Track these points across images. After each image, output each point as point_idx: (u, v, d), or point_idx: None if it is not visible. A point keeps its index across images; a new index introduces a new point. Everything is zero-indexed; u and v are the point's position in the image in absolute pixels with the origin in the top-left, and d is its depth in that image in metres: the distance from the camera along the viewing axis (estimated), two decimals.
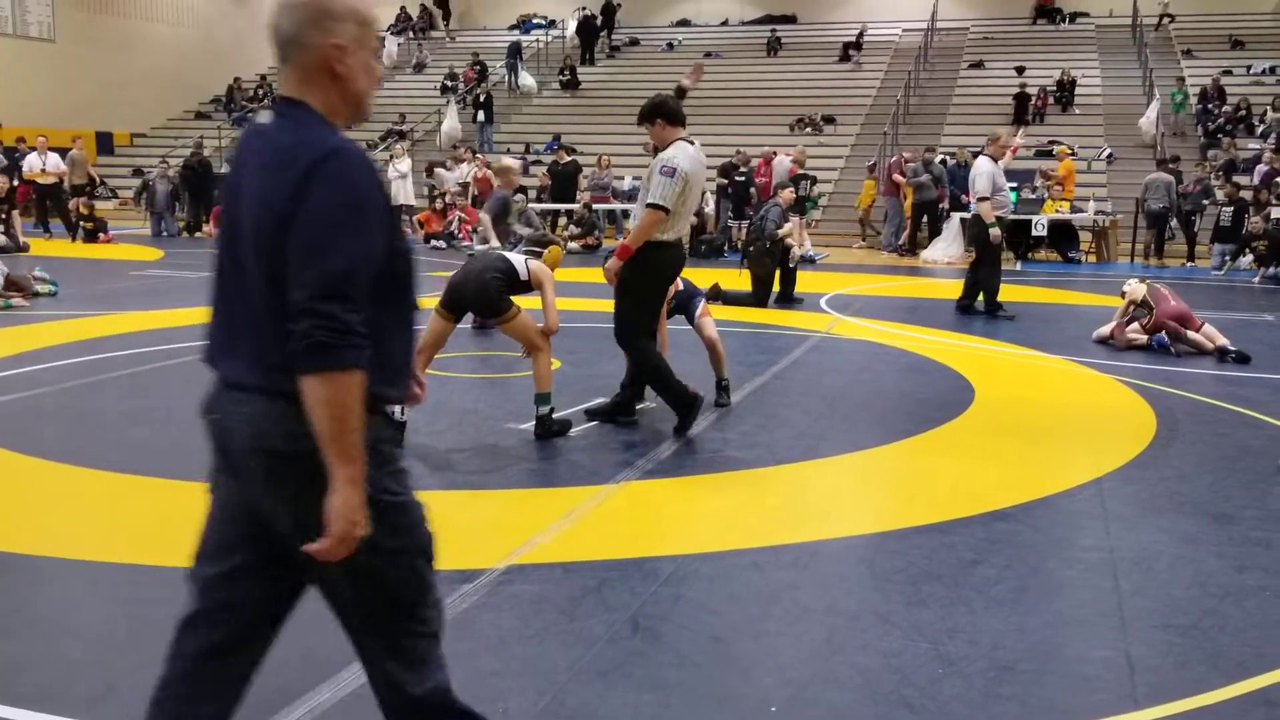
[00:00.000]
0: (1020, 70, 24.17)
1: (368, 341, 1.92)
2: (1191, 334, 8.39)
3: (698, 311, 6.75)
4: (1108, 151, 20.76)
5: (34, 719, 2.79)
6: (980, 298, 10.43)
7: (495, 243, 8.49)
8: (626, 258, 5.56)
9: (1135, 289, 8.87)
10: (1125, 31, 26.37)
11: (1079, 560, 4.07)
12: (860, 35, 27.16)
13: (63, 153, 19.24)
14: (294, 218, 1.91)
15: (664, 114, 5.70)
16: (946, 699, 2.97)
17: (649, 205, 5.49)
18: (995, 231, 10.01)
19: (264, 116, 2.09)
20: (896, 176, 17.41)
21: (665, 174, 5.48)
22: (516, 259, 5.90)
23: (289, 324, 1.89)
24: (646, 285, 5.71)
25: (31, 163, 18.59)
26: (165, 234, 18.93)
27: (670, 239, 5.62)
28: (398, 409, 3.69)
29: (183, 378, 7.16)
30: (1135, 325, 8.62)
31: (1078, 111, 22.96)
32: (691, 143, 5.72)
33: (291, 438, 1.94)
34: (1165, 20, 26.21)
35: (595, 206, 18.21)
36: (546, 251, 6.14)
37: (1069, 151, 18.63)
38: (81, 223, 17.68)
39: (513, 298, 5.74)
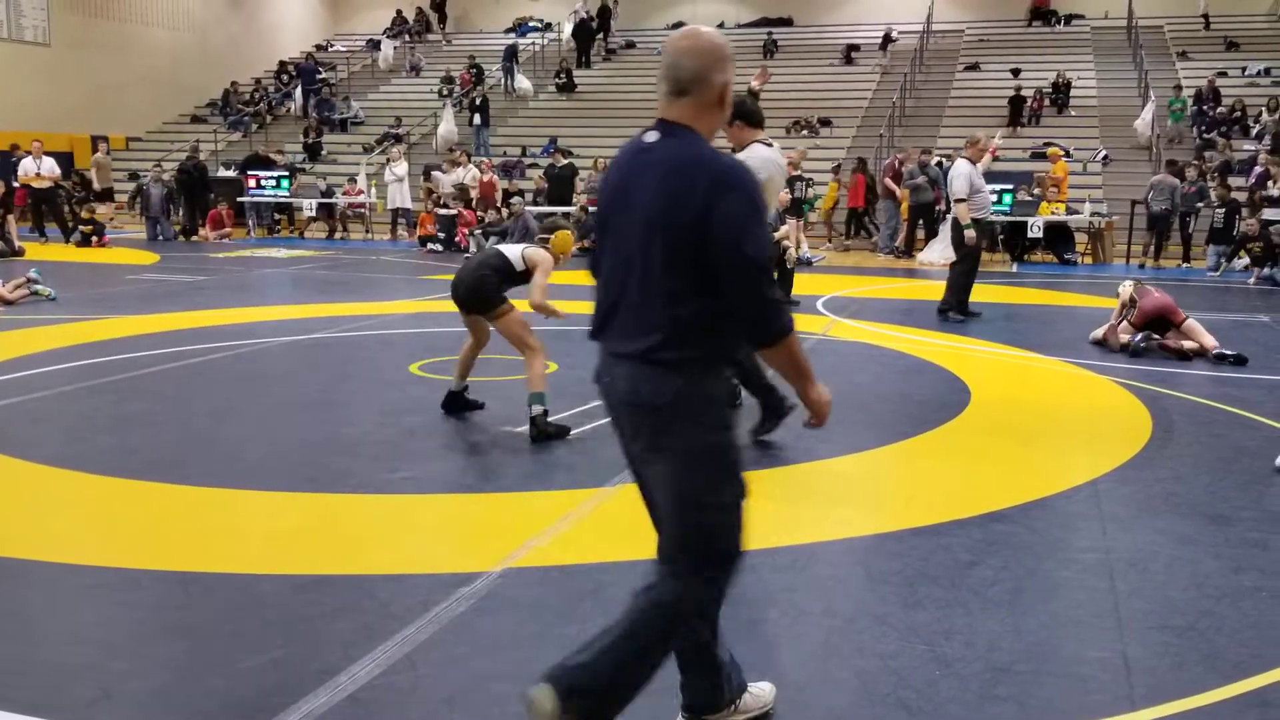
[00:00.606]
0: (1016, 72, 24.21)
1: (783, 302, 2.52)
2: (1176, 342, 8.39)
3: None
4: (1103, 153, 20.79)
5: None
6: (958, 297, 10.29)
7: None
8: None
9: (1125, 289, 8.89)
10: (1120, 33, 26.43)
11: (1075, 561, 4.07)
12: (887, 38, 27.01)
13: (59, 156, 19.20)
14: (709, 217, 2.40)
15: (742, 115, 5.47)
16: (943, 700, 2.97)
17: None
18: (970, 233, 9.96)
19: (650, 136, 2.56)
20: (888, 180, 17.42)
21: None
22: (512, 251, 5.92)
23: (742, 310, 2.45)
24: None
25: (26, 167, 18.56)
26: (161, 238, 18.90)
27: None
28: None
29: (177, 382, 7.15)
30: (1125, 324, 8.63)
31: (1073, 113, 22.99)
32: (769, 144, 5.50)
33: (657, 394, 2.48)
34: (1205, 20, 26.19)
35: (592, 209, 18.20)
36: (554, 237, 6.04)
37: (1061, 153, 18.64)
38: (80, 227, 17.66)
39: (510, 299, 5.75)
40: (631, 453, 2.67)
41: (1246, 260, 14.78)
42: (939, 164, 17.33)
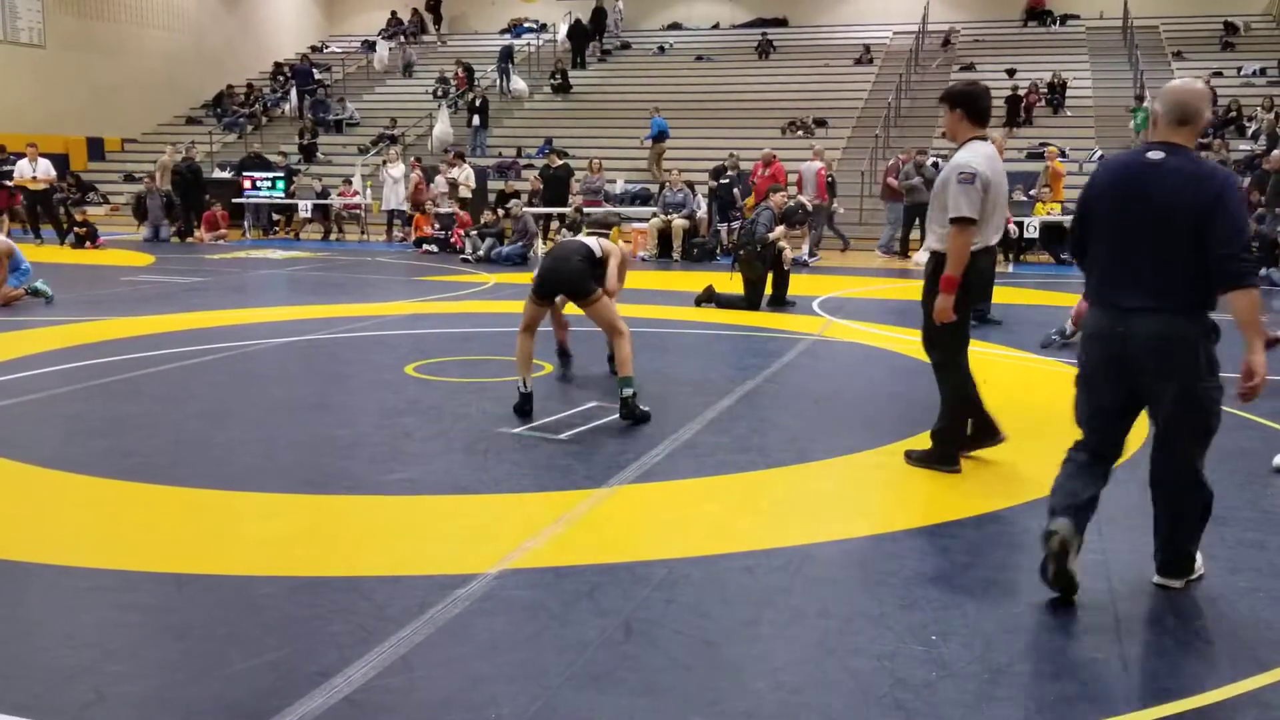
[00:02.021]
0: (1011, 72, 24.24)
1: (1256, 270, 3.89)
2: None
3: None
4: (1099, 153, 20.81)
5: None
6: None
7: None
8: (954, 289, 4.96)
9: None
10: (1116, 34, 26.47)
11: None
12: (866, 49, 27.10)
13: (54, 158, 19.18)
14: (1215, 212, 3.44)
15: (969, 105, 5.13)
16: (940, 701, 2.96)
17: (954, 220, 4.91)
18: None
19: (1154, 154, 3.59)
20: (891, 180, 17.42)
21: (964, 181, 4.90)
22: (590, 240, 6.45)
23: (1220, 268, 3.45)
24: (959, 304, 5.09)
25: (22, 169, 18.54)
26: (159, 238, 18.92)
27: (977, 247, 5.01)
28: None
29: (173, 383, 7.14)
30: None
31: (1069, 113, 23.03)
32: (984, 139, 5.18)
33: (1180, 334, 3.53)
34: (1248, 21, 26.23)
35: (587, 210, 18.19)
36: (612, 231, 6.78)
37: (1057, 153, 18.65)
38: (74, 229, 17.63)
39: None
40: (1133, 383, 3.65)
41: None
42: (934, 164, 17.34)
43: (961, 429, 5.34)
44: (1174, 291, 3.53)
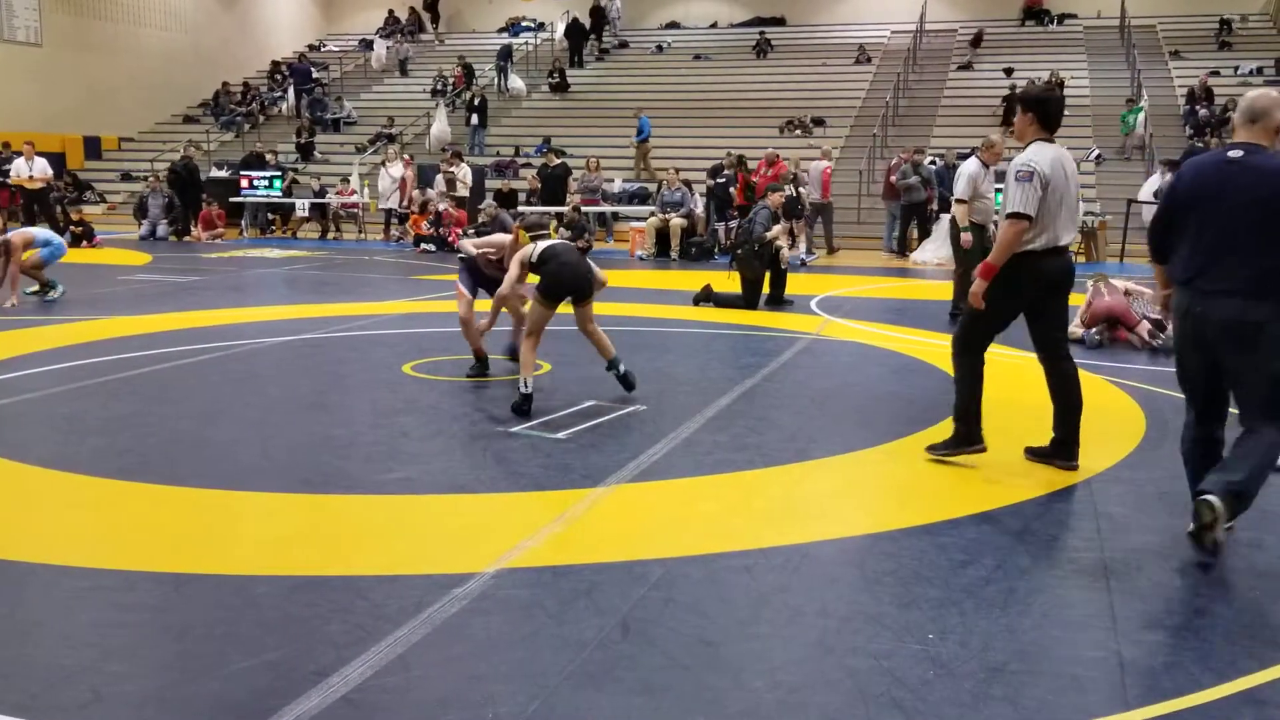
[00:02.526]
0: (1009, 71, 24.26)
1: None
2: (1128, 334, 8.88)
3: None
4: (1096, 152, 20.83)
5: None
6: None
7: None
8: (990, 276, 5.06)
9: (1089, 286, 9.25)
10: (1113, 33, 26.49)
11: (1070, 561, 4.08)
12: (862, 49, 27.10)
13: (50, 157, 19.18)
14: None
15: (1041, 110, 5.27)
16: (937, 700, 2.96)
17: (1007, 216, 5.02)
18: (965, 236, 9.92)
19: (1234, 152, 4.04)
20: (894, 178, 17.43)
21: (1022, 179, 5.01)
22: (570, 244, 6.80)
23: None
24: (999, 298, 5.12)
25: (19, 168, 18.53)
26: (155, 237, 18.92)
27: (1040, 246, 5.05)
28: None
29: (169, 383, 7.13)
30: (1077, 320, 8.91)
31: (1066, 113, 22.98)
32: (1051, 142, 5.29)
33: (1257, 314, 3.96)
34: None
35: (585, 209, 18.21)
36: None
37: None
38: (71, 228, 17.62)
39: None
40: (1212, 358, 4.11)
41: None
42: (931, 163, 17.36)
43: (976, 406, 5.36)
44: (1258, 277, 3.95)
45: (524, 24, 31.69)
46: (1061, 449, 5.31)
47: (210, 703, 2.91)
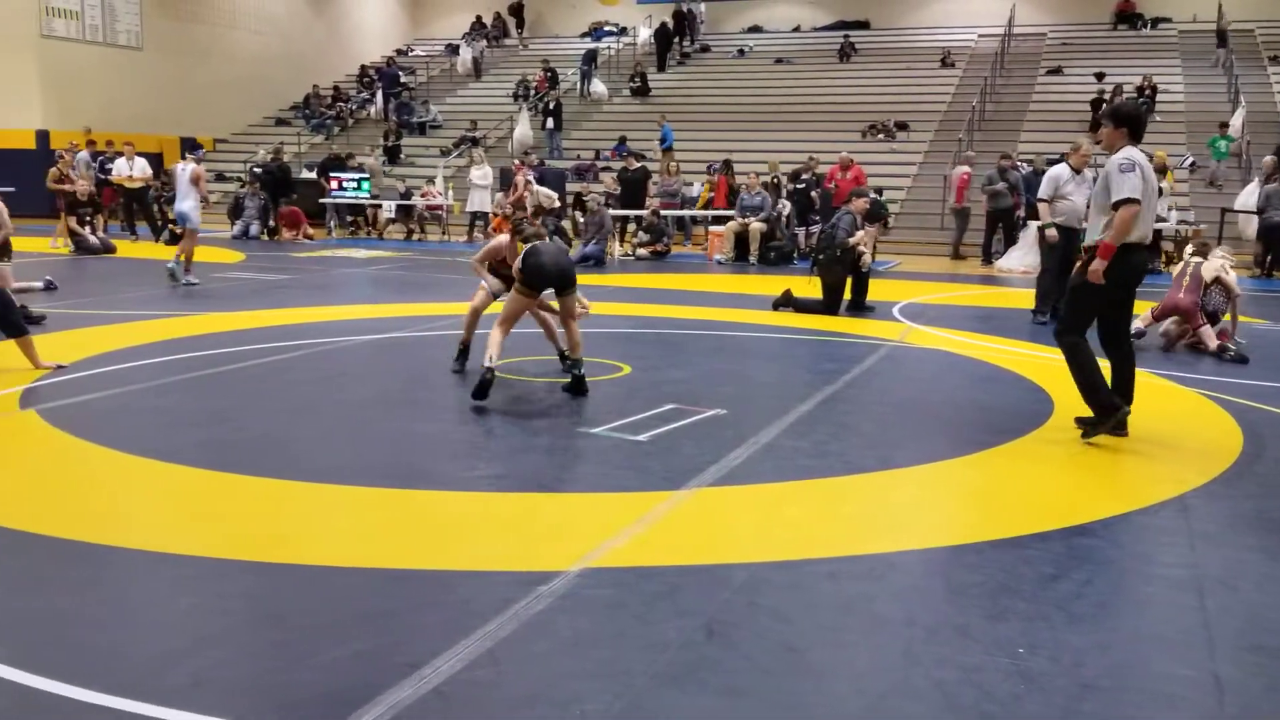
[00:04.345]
0: (1100, 76, 23.71)
1: None
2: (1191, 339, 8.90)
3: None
4: (1190, 160, 20.26)
5: (128, 706, 2.87)
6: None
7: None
8: (1109, 256, 5.53)
9: (1208, 269, 9.04)
10: (1209, 37, 25.72)
11: (1162, 577, 3.98)
12: (946, 55, 26.72)
13: (149, 157, 19.78)
14: None
15: (1133, 124, 5.70)
16: (1027, 716, 2.92)
17: (1120, 201, 5.47)
18: (1050, 232, 9.95)
19: None
20: (981, 186, 17.18)
21: (1125, 170, 5.50)
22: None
23: None
24: (1101, 286, 5.65)
25: (120, 167, 19.16)
26: (248, 236, 19.42)
27: (1134, 239, 5.60)
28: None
29: (261, 378, 7.33)
30: (1148, 313, 8.95)
31: (1159, 119, 22.43)
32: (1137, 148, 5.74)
33: None
34: None
35: (664, 213, 18.23)
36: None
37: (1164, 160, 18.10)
38: (169, 225, 18.17)
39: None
40: None
41: None
42: (1015, 168, 17.03)
43: (1097, 380, 5.82)
44: None
45: (606, 28, 31.87)
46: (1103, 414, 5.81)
47: (306, 691, 2.99)
